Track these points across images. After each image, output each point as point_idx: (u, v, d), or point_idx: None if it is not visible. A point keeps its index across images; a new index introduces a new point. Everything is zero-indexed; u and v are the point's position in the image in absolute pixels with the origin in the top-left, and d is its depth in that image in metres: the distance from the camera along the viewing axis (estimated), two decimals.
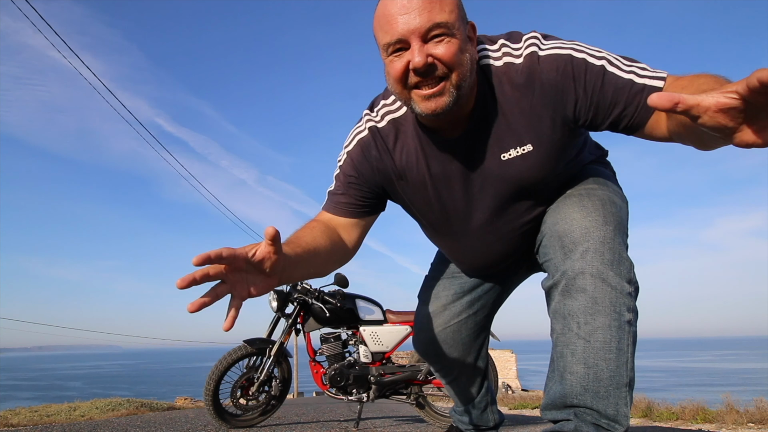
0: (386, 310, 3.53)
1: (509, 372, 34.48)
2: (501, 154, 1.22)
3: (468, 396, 1.82)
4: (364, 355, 3.38)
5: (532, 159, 1.21)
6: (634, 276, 1.17)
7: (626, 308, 1.14)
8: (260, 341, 3.22)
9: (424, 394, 3.40)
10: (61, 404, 7.31)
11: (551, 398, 1.22)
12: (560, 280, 1.18)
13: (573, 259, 1.16)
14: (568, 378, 1.16)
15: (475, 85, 1.18)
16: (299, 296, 3.37)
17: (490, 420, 1.88)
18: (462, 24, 1.10)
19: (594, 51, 1.13)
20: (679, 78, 1.06)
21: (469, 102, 1.18)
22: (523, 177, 1.23)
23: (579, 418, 1.16)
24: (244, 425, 3.16)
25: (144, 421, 3.85)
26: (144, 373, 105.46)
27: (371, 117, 1.33)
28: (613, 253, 1.14)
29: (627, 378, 1.14)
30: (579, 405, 1.15)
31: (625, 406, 1.14)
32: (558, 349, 1.19)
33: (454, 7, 1.08)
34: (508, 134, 1.20)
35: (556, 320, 1.19)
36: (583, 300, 1.13)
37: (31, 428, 3.35)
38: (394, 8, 1.06)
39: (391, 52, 1.10)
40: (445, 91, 1.09)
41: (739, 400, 4.89)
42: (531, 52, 1.15)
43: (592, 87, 1.11)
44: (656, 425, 4.45)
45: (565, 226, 1.20)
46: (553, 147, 1.20)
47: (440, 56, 1.06)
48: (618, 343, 1.12)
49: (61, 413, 5.79)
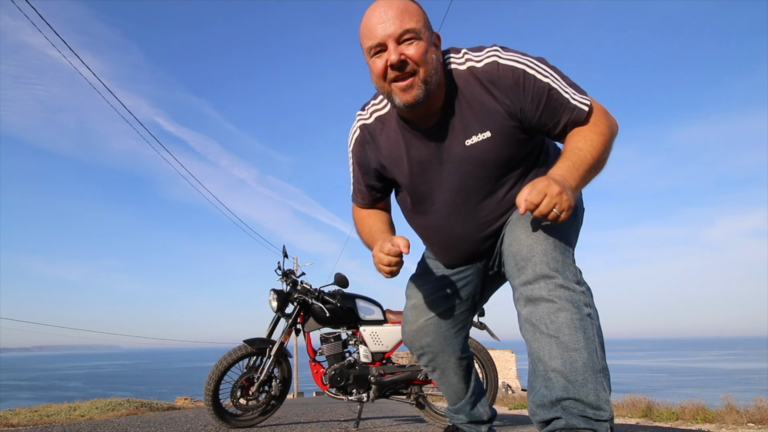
0: (386, 310, 3.52)
1: (509, 372, 34.48)
2: (465, 140, 1.48)
3: (458, 391, 1.92)
4: (364, 355, 3.38)
5: (491, 144, 1.47)
6: (582, 279, 1.37)
7: (583, 303, 1.31)
8: (260, 341, 3.22)
9: (424, 394, 3.40)
10: (61, 404, 7.31)
11: (538, 399, 1.32)
12: (520, 295, 1.38)
13: (526, 274, 1.36)
14: (552, 376, 1.28)
15: (443, 84, 1.46)
16: (299, 296, 3.37)
17: (482, 414, 1.97)
18: (427, 31, 1.41)
19: (543, 70, 1.41)
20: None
21: (439, 97, 1.47)
22: (483, 158, 1.49)
23: (567, 412, 1.26)
24: (244, 425, 3.15)
25: (144, 421, 3.85)
26: (144, 373, 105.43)
27: (362, 116, 1.65)
28: (555, 262, 1.34)
29: (600, 365, 1.28)
30: (564, 398, 1.26)
31: (604, 391, 1.27)
32: (534, 354, 1.33)
33: (420, 17, 1.40)
34: (471, 123, 1.47)
35: (526, 330, 1.35)
36: (543, 305, 1.31)
37: (31, 428, 3.35)
38: (373, 19, 1.38)
39: (373, 54, 1.40)
40: (414, 84, 1.38)
41: (739, 400, 4.89)
42: (492, 60, 1.43)
43: (537, 99, 1.41)
44: (656, 425, 4.45)
45: (515, 246, 1.42)
46: (507, 137, 1.47)
47: (410, 55, 1.36)
48: (584, 333, 1.27)
49: (61, 413, 5.79)
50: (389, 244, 1.44)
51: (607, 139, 1.41)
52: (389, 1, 1.38)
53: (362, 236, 1.74)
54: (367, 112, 1.63)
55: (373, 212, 1.77)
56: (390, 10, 1.37)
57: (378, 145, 1.61)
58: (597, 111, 1.44)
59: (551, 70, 1.42)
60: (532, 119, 1.43)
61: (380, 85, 1.43)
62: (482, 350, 3.49)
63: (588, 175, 1.37)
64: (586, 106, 1.42)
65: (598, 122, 1.42)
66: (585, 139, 1.39)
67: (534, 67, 1.41)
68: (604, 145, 1.40)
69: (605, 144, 1.40)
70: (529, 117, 1.43)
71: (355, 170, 1.72)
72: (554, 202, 1.23)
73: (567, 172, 1.32)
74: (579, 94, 1.43)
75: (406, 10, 1.37)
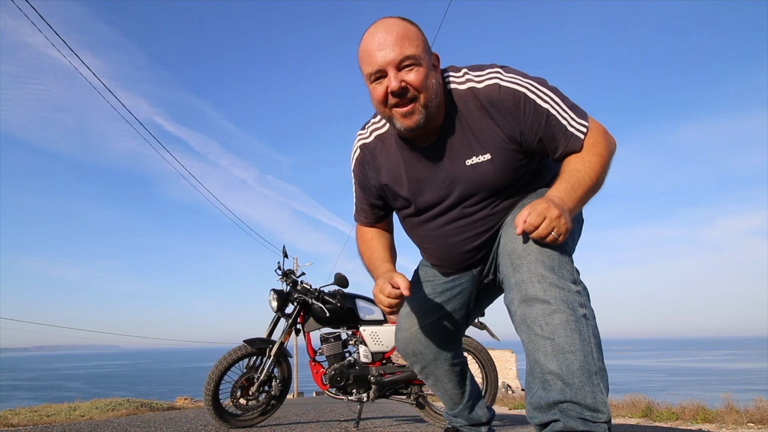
0: None
1: (509, 372, 34.48)
2: (465, 160, 1.49)
3: (453, 397, 1.94)
4: (364, 355, 3.38)
5: (491, 166, 1.47)
6: (578, 278, 1.36)
7: (578, 304, 1.30)
8: (260, 341, 3.22)
9: (424, 394, 3.39)
10: (61, 404, 7.32)
11: (536, 401, 1.31)
12: (515, 294, 1.36)
13: (521, 272, 1.35)
14: (549, 378, 1.27)
15: (443, 104, 1.47)
16: (299, 296, 3.37)
17: (481, 416, 1.98)
18: (427, 55, 1.41)
19: (543, 94, 1.41)
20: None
21: (438, 118, 1.47)
22: (482, 179, 1.49)
23: (565, 415, 1.25)
24: (244, 425, 3.15)
25: (144, 421, 3.85)
26: (144, 373, 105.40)
27: (362, 135, 1.67)
28: (552, 260, 1.33)
29: (596, 367, 1.26)
30: (561, 400, 1.25)
31: (601, 393, 1.25)
32: (531, 356, 1.32)
33: (420, 42, 1.39)
34: (471, 144, 1.47)
35: (522, 331, 1.34)
36: (538, 305, 1.30)
37: (31, 428, 3.35)
38: (372, 45, 1.38)
39: (373, 80, 1.41)
40: (415, 110, 1.39)
41: (739, 400, 4.89)
42: (494, 82, 1.43)
43: (537, 124, 1.41)
44: (656, 425, 4.45)
45: (511, 245, 1.41)
46: (507, 159, 1.47)
47: (411, 81, 1.37)
48: (579, 335, 1.26)
49: (61, 413, 5.79)
50: (389, 287, 1.46)
51: (605, 160, 1.42)
52: (388, 26, 1.38)
53: (364, 260, 1.77)
54: (367, 131, 1.65)
55: (376, 236, 1.78)
56: (389, 35, 1.36)
57: (378, 164, 1.63)
58: (596, 131, 1.44)
59: (552, 93, 1.41)
60: (531, 143, 1.44)
61: (381, 110, 1.45)
62: (482, 350, 3.48)
63: (585, 196, 1.39)
64: (582, 134, 1.42)
65: (596, 143, 1.42)
66: (583, 161, 1.40)
67: (534, 90, 1.41)
68: (602, 166, 1.41)
69: (603, 165, 1.41)
70: (529, 141, 1.44)
71: (357, 190, 1.75)
72: (553, 225, 1.26)
73: (565, 194, 1.33)
74: (578, 119, 1.43)
75: (406, 35, 1.37)
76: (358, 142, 1.67)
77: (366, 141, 1.65)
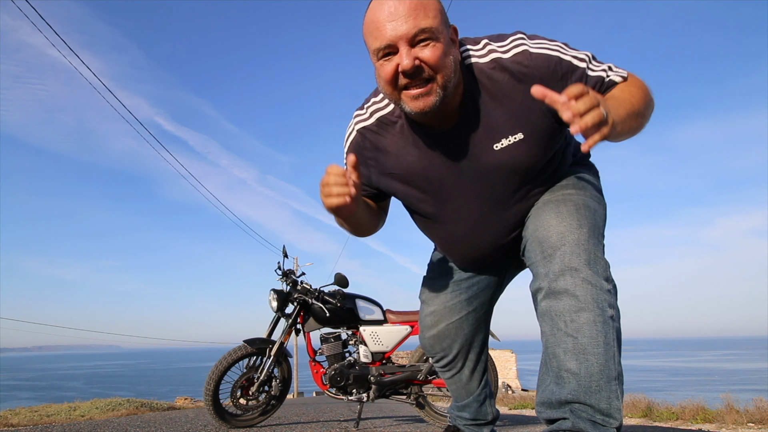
0: (386, 310, 3.52)
1: (509, 372, 34.46)
2: (493, 144, 1.30)
3: (469, 390, 1.85)
4: (364, 355, 3.38)
5: (524, 146, 1.30)
6: (610, 275, 1.25)
7: (608, 304, 1.20)
8: (260, 341, 3.22)
9: (424, 394, 3.40)
10: (61, 404, 7.31)
11: (546, 396, 1.25)
12: (543, 283, 1.26)
13: (553, 263, 1.24)
14: (565, 375, 1.20)
15: (461, 82, 1.26)
16: (299, 296, 3.37)
17: (488, 413, 1.90)
18: (445, 28, 1.19)
19: (576, 53, 1.27)
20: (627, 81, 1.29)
21: (455, 98, 1.27)
22: (516, 164, 1.32)
23: (575, 415, 1.19)
24: (244, 425, 3.15)
25: (144, 421, 3.85)
26: (144, 373, 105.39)
27: (360, 116, 1.42)
28: (588, 254, 1.22)
29: (615, 372, 1.19)
30: (574, 401, 1.19)
31: (617, 400, 1.19)
32: (549, 349, 1.24)
33: (437, 12, 1.17)
34: (500, 124, 1.29)
35: (544, 322, 1.26)
36: (566, 299, 1.21)
37: (31, 428, 3.35)
38: (381, 15, 1.15)
39: (381, 57, 1.19)
40: (432, 91, 1.19)
41: (739, 400, 4.89)
42: (522, 49, 1.25)
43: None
44: (656, 425, 4.45)
45: (543, 232, 1.29)
46: (543, 136, 1.30)
47: (426, 59, 1.15)
48: (605, 337, 1.18)
49: (61, 413, 5.79)
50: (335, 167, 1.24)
51: (646, 93, 1.27)
52: None
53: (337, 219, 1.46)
54: (366, 112, 1.41)
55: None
56: (402, 4, 1.14)
57: (381, 152, 1.40)
58: (636, 77, 1.31)
59: (582, 53, 1.28)
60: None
61: (388, 91, 1.23)
62: None
63: (628, 119, 1.17)
64: (622, 78, 1.29)
65: (635, 81, 1.29)
66: (623, 91, 1.25)
67: (567, 51, 1.27)
68: (644, 99, 1.25)
69: (645, 98, 1.26)
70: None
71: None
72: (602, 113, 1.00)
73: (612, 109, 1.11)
74: (616, 68, 1.30)
75: (421, 4, 1.15)
76: (356, 125, 1.42)
77: (365, 123, 1.40)
